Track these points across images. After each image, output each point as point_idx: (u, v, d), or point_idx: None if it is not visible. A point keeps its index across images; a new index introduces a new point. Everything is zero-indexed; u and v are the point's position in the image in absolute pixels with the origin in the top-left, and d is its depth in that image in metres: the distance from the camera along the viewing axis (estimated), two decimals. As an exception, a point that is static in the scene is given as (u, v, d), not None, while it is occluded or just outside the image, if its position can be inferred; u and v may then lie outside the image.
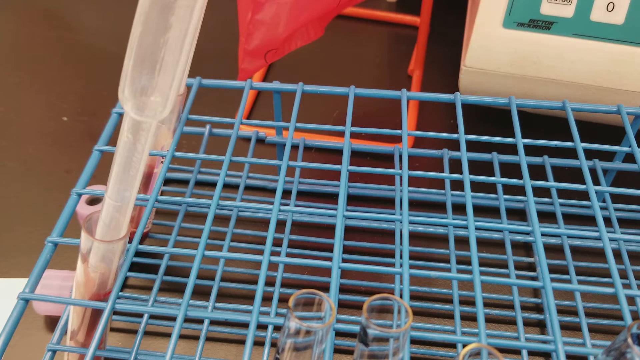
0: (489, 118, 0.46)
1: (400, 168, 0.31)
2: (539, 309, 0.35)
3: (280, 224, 0.38)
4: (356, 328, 0.22)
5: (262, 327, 0.32)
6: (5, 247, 0.38)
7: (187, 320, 0.33)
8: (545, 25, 0.35)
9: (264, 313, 0.33)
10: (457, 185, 0.35)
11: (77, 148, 0.44)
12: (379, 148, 0.40)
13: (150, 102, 0.20)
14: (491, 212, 0.39)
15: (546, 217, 0.39)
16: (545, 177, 0.36)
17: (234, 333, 0.33)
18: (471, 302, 0.34)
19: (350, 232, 0.39)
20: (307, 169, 0.42)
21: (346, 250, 0.38)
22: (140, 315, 0.33)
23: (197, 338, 0.33)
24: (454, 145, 0.36)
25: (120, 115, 0.33)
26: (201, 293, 0.35)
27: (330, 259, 0.27)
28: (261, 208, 0.29)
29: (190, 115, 0.34)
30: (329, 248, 0.37)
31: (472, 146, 0.37)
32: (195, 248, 0.27)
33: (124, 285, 0.36)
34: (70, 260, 0.37)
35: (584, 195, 0.38)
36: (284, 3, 0.35)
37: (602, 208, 0.37)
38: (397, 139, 0.44)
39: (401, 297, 0.24)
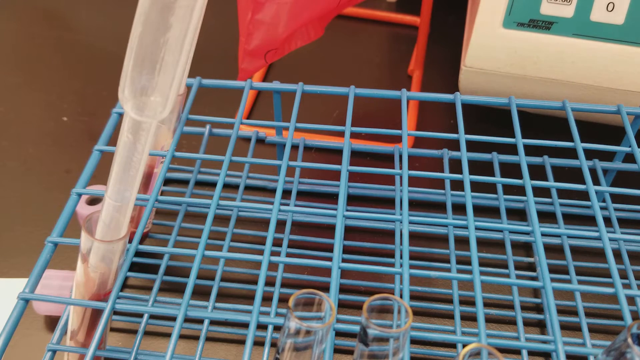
0: (489, 118, 0.46)
1: (400, 168, 0.31)
2: (539, 308, 0.35)
3: (280, 224, 0.38)
4: (356, 328, 0.22)
5: (262, 327, 0.32)
6: (5, 247, 0.38)
7: (187, 320, 0.33)
8: (545, 25, 0.35)
9: (264, 313, 0.33)
10: (457, 185, 0.35)
11: (77, 148, 0.44)
12: (379, 148, 0.40)
13: (150, 102, 0.20)
14: (491, 212, 0.39)
15: (546, 217, 0.39)
16: (545, 177, 0.36)
17: (234, 333, 0.33)
18: (471, 302, 0.34)
19: (350, 232, 0.39)
20: (307, 169, 0.42)
21: (346, 250, 0.38)
22: (140, 315, 0.33)
23: (197, 338, 0.33)
24: (454, 145, 0.36)
25: (120, 115, 0.33)
26: (201, 293, 0.35)
27: (330, 259, 0.27)
28: (261, 208, 0.29)
29: (190, 115, 0.34)
30: (329, 248, 0.37)
31: (472, 146, 0.37)
32: (195, 248, 0.27)
33: (124, 285, 0.36)
34: (70, 260, 0.37)
35: (584, 195, 0.38)
36: (284, 3, 0.35)
37: (602, 208, 0.37)
38: (397, 139, 0.44)
39: (401, 297, 0.24)
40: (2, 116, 0.47)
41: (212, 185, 0.41)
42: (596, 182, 0.38)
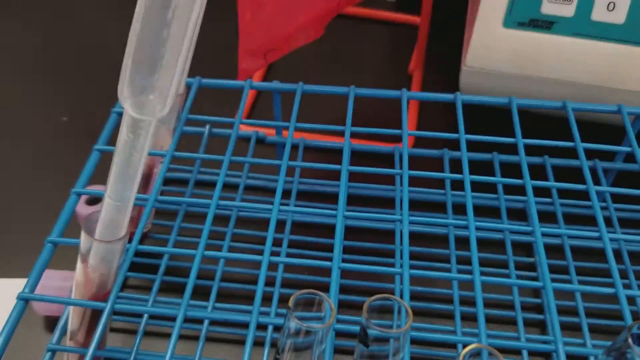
0: (489, 118, 0.46)
1: (401, 168, 0.31)
2: (539, 309, 0.35)
3: (280, 224, 0.38)
4: (356, 328, 0.22)
5: (262, 327, 0.32)
6: (5, 247, 0.38)
7: (187, 320, 0.32)
8: (545, 24, 0.35)
9: (263, 313, 0.33)
10: (457, 185, 0.34)
11: (77, 148, 0.44)
12: (379, 148, 0.40)
13: (149, 101, 0.20)
14: (491, 212, 0.39)
15: (546, 217, 0.39)
16: (546, 177, 0.36)
17: (233, 333, 0.33)
18: (471, 302, 0.34)
19: (350, 232, 0.39)
20: (307, 169, 0.42)
21: (346, 250, 0.38)
22: (140, 315, 0.33)
23: (197, 338, 0.33)
24: (454, 145, 0.36)
25: (120, 114, 0.33)
26: (201, 293, 0.35)
27: (330, 259, 0.27)
28: (261, 208, 0.29)
29: (190, 115, 0.34)
30: (329, 248, 0.37)
31: (472, 146, 0.37)
32: (195, 248, 0.27)
33: (124, 285, 0.36)
34: (70, 260, 0.36)
35: (584, 195, 0.38)
36: (284, 3, 0.35)
37: (602, 208, 0.37)
38: (397, 139, 0.44)
39: (401, 297, 0.24)
40: (2, 116, 0.46)
41: (212, 185, 0.41)
42: (596, 182, 0.37)
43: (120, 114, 0.33)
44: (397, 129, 0.32)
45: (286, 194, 0.39)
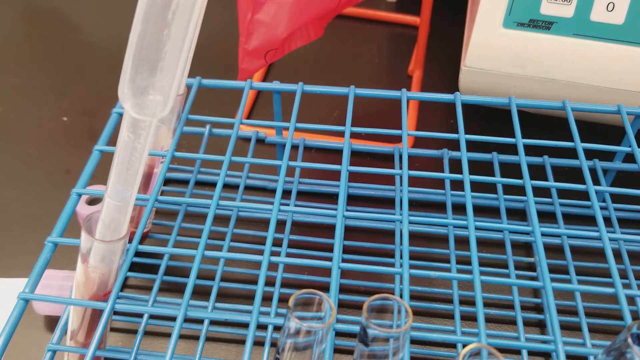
0: (489, 118, 0.46)
1: (400, 168, 0.31)
2: (539, 308, 0.35)
3: (280, 224, 0.38)
4: (356, 328, 0.22)
5: (262, 327, 0.32)
6: (5, 247, 0.38)
7: (187, 320, 0.33)
8: (545, 25, 0.35)
9: (264, 313, 0.33)
10: (457, 185, 0.35)
11: (77, 148, 0.44)
12: (379, 148, 0.40)
13: (150, 101, 0.20)
14: (491, 212, 0.39)
15: (546, 217, 0.39)
16: (545, 177, 0.36)
17: (234, 333, 0.33)
18: (471, 302, 0.34)
19: (350, 232, 0.39)
20: (307, 169, 0.42)
21: (346, 250, 0.38)
22: (140, 315, 0.33)
23: (197, 338, 0.33)
24: (454, 145, 0.36)
25: (120, 115, 0.33)
26: (201, 293, 0.35)
27: (330, 259, 0.27)
28: (261, 208, 0.29)
29: (190, 115, 0.34)
30: (329, 248, 0.37)
31: (472, 146, 0.37)
32: (195, 248, 0.27)
33: (124, 285, 0.36)
34: (70, 260, 0.37)
35: (584, 195, 0.38)
36: (284, 3, 0.35)
37: (602, 208, 0.37)
38: (397, 139, 0.44)
39: (401, 297, 0.24)
40: (2, 116, 0.47)
41: (212, 185, 0.41)
42: (596, 182, 0.38)
43: (120, 114, 0.33)
44: (397, 129, 0.32)
45: (286, 194, 0.39)
